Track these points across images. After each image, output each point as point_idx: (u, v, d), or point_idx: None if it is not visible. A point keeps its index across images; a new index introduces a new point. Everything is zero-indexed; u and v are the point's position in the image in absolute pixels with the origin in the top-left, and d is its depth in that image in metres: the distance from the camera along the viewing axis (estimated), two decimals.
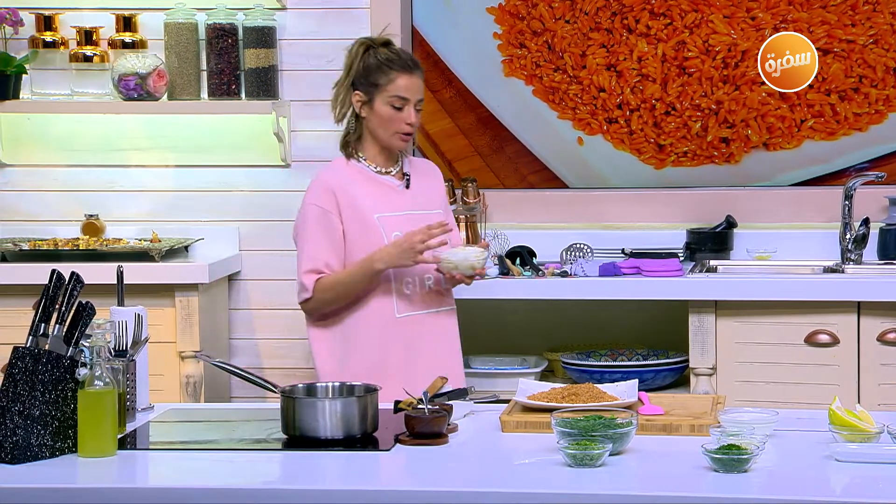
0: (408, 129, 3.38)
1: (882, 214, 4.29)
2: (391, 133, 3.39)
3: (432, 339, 3.39)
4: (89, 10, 4.45)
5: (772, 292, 3.89)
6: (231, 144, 4.45)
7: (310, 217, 3.34)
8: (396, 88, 3.37)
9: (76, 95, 4.40)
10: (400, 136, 3.40)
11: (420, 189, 3.46)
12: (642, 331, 4.30)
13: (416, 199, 3.43)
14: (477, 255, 3.32)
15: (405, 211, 3.41)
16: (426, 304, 3.39)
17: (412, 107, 3.38)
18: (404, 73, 3.37)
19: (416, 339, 3.36)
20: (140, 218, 4.48)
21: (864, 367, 3.87)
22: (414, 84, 3.38)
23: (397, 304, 3.36)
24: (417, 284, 3.38)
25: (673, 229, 4.37)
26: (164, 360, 4.05)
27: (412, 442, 2.66)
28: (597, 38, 4.46)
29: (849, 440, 2.56)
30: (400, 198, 3.42)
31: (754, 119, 4.43)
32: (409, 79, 3.37)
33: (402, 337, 3.35)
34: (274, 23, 4.39)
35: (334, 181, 3.38)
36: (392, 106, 3.37)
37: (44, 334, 2.63)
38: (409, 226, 3.35)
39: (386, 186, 3.42)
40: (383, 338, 3.34)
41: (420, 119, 3.45)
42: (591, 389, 2.85)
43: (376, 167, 3.42)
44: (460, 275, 3.32)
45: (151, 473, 2.60)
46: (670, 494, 2.35)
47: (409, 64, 3.40)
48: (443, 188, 3.56)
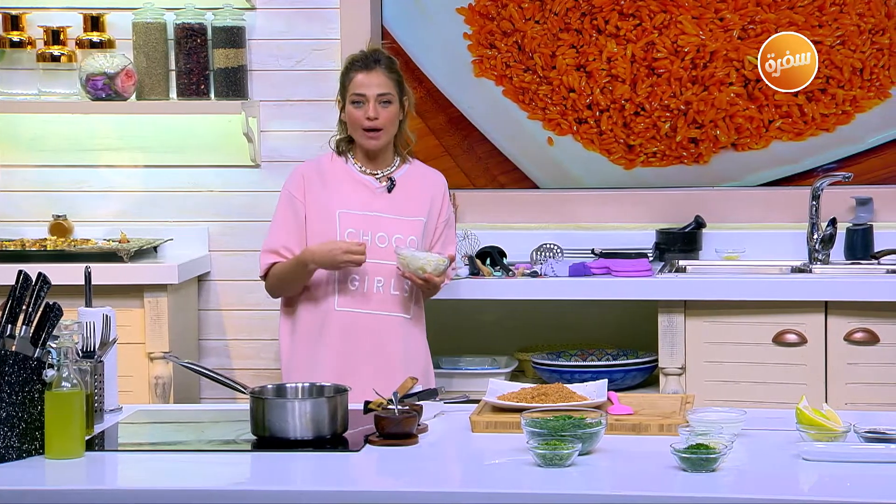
0: (368, 124, 3.39)
1: (849, 214, 4.31)
2: (358, 132, 3.43)
3: (375, 341, 3.41)
4: (57, 9, 4.42)
5: (740, 292, 3.91)
6: (200, 145, 4.44)
7: (281, 199, 3.50)
8: (354, 86, 3.43)
9: (44, 95, 4.37)
10: (365, 134, 3.41)
11: (406, 195, 3.48)
12: (612, 331, 4.32)
13: (395, 204, 3.45)
14: (430, 260, 3.35)
15: (377, 212, 3.44)
16: (370, 305, 3.42)
17: (372, 102, 3.39)
18: (362, 70, 3.42)
19: (354, 336, 3.41)
20: (109, 218, 4.46)
21: (832, 367, 3.90)
22: (372, 79, 3.40)
23: (338, 297, 3.42)
24: (366, 283, 3.42)
25: (642, 229, 4.39)
26: (133, 361, 4.03)
27: (382, 442, 2.66)
28: (567, 39, 4.47)
29: (816, 439, 2.57)
30: (375, 199, 3.45)
31: (723, 119, 4.44)
32: (367, 75, 3.41)
33: (338, 330, 3.41)
34: (243, 23, 4.38)
35: (309, 170, 3.50)
36: (353, 104, 3.42)
37: (10, 335, 2.61)
38: (375, 227, 3.39)
39: (363, 185, 3.46)
40: (322, 327, 3.42)
41: (393, 115, 3.45)
42: (560, 389, 2.86)
43: (362, 168, 3.48)
44: (409, 273, 3.36)
45: (120, 475, 2.59)
46: (640, 494, 2.36)
47: (369, 61, 3.42)
48: (440, 198, 3.55)
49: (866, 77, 4.38)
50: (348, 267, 3.38)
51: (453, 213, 3.69)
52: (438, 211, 3.55)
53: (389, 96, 3.44)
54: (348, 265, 3.37)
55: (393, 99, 3.45)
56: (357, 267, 3.38)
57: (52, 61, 4.35)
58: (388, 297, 3.44)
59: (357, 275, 3.41)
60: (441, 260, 3.38)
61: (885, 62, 4.37)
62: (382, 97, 3.41)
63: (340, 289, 3.43)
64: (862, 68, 4.39)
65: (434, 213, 3.53)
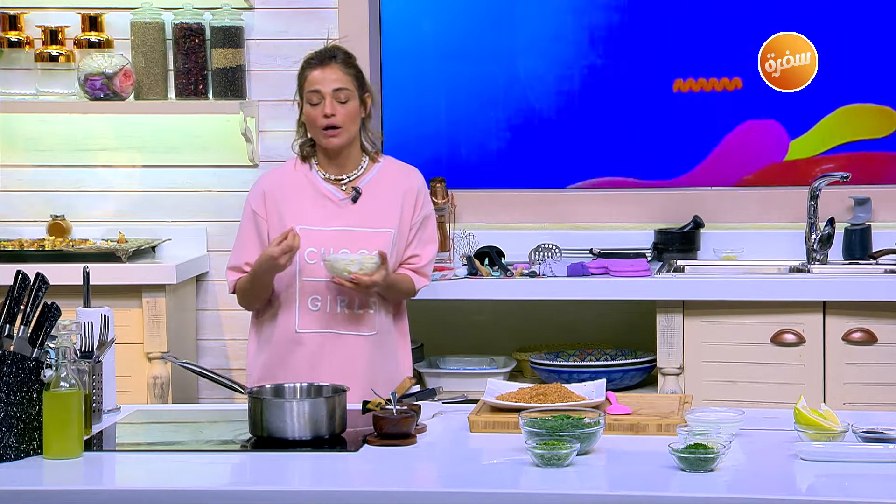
0: (326, 122, 3.26)
1: (847, 214, 4.32)
2: (317, 132, 3.29)
3: (339, 363, 3.27)
4: (55, 9, 4.42)
5: (738, 292, 3.92)
6: (199, 145, 4.44)
7: (245, 215, 3.40)
8: (309, 84, 3.30)
9: (42, 95, 4.37)
10: (324, 133, 3.28)
11: (373, 204, 3.32)
12: (610, 331, 4.32)
13: (360, 216, 3.31)
14: (353, 260, 3.20)
15: (341, 227, 3.29)
16: (332, 325, 3.29)
17: (328, 98, 3.26)
18: (317, 67, 3.29)
19: (318, 358, 3.28)
20: (107, 218, 4.46)
21: (830, 367, 3.90)
22: (327, 74, 3.27)
23: (299, 318, 3.29)
24: (328, 303, 3.29)
25: (640, 229, 4.39)
26: (131, 362, 4.03)
27: (380, 442, 2.66)
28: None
29: (814, 439, 2.57)
30: (338, 213, 3.31)
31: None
32: (322, 71, 3.28)
33: (304, 353, 3.28)
34: (241, 22, 4.38)
35: (270, 185, 3.35)
36: (310, 103, 3.29)
37: (8, 335, 2.61)
38: (337, 243, 3.27)
39: (326, 199, 3.32)
40: (286, 350, 3.30)
41: (352, 112, 3.29)
42: (559, 389, 2.86)
43: (326, 174, 3.34)
44: (338, 278, 3.22)
45: (118, 475, 2.59)
46: (638, 494, 2.36)
47: (324, 57, 3.30)
48: (412, 201, 3.36)
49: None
50: (290, 256, 3.18)
51: (432, 209, 3.46)
52: (411, 214, 3.35)
53: (346, 92, 3.28)
54: (286, 256, 3.18)
55: (351, 95, 3.29)
56: (292, 251, 3.17)
57: (51, 61, 4.35)
58: (351, 316, 3.29)
59: (319, 295, 3.28)
60: (367, 258, 3.20)
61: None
62: (339, 93, 3.27)
63: (301, 311, 3.28)
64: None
65: (406, 218, 3.35)
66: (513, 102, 4.50)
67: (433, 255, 3.43)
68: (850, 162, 4.40)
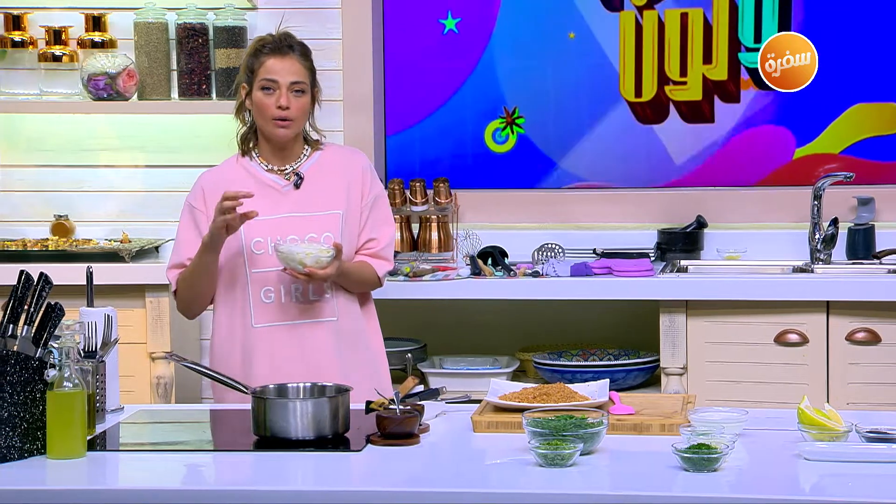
0: (280, 113, 3.20)
1: (850, 214, 4.31)
2: (267, 121, 3.22)
3: (302, 353, 3.19)
4: (58, 9, 4.43)
5: (742, 292, 3.91)
6: (201, 145, 4.44)
7: (183, 214, 3.29)
8: (265, 71, 3.22)
9: (45, 95, 4.38)
10: (275, 123, 3.21)
11: (317, 187, 3.25)
12: (613, 331, 4.32)
13: (304, 201, 3.23)
14: (308, 253, 3.10)
15: (287, 213, 3.22)
16: (289, 315, 3.20)
17: (284, 90, 3.20)
18: (275, 55, 3.22)
19: (280, 352, 3.20)
20: (110, 218, 4.46)
21: (833, 367, 3.90)
22: (286, 66, 3.21)
23: (254, 313, 3.20)
24: (282, 293, 3.20)
25: (644, 229, 4.39)
26: (135, 361, 4.04)
27: (383, 442, 2.66)
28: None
29: (818, 439, 2.57)
30: (282, 200, 3.23)
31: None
32: (281, 61, 3.22)
33: (264, 349, 3.19)
34: (245, 22, 4.38)
35: (209, 181, 3.28)
36: (263, 90, 3.22)
37: (12, 335, 2.62)
38: (284, 230, 3.20)
39: (268, 188, 3.24)
40: (245, 349, 3.21)
41: (305, 105, 3.23)
42: (562, 389, 2.86)
43: (268, 165, 3.28)
44: (291, 270, 3.12)
45: (121, 475, 2.59)
46: (641, 494, 2.36)
47: (282, 46, 3.24)
48: (359, 180, 3.27)
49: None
50: (233, 215, 3.07)
51: (383, 189, 3.34)
52: (359, 195, 3.27)
53: (303, 85, 3.23)
54: (229, 215, 3.07)
55: (306, 89, 3.24)
56: (236, 208, 3.07)
57: (54, 61, 4.35)
58: (307, 305, 3.20)
59: (271, 286, 3.19)
60: (322, 250, 3.11)
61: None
62: (296, 86, 3.22)
63: (255, 304, 3.19)
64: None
65: (354, 199, 3.26)
66: (513, 102, 4.49)
67: (391, 236, 3.32)
68: (855, 162, 4.40)
